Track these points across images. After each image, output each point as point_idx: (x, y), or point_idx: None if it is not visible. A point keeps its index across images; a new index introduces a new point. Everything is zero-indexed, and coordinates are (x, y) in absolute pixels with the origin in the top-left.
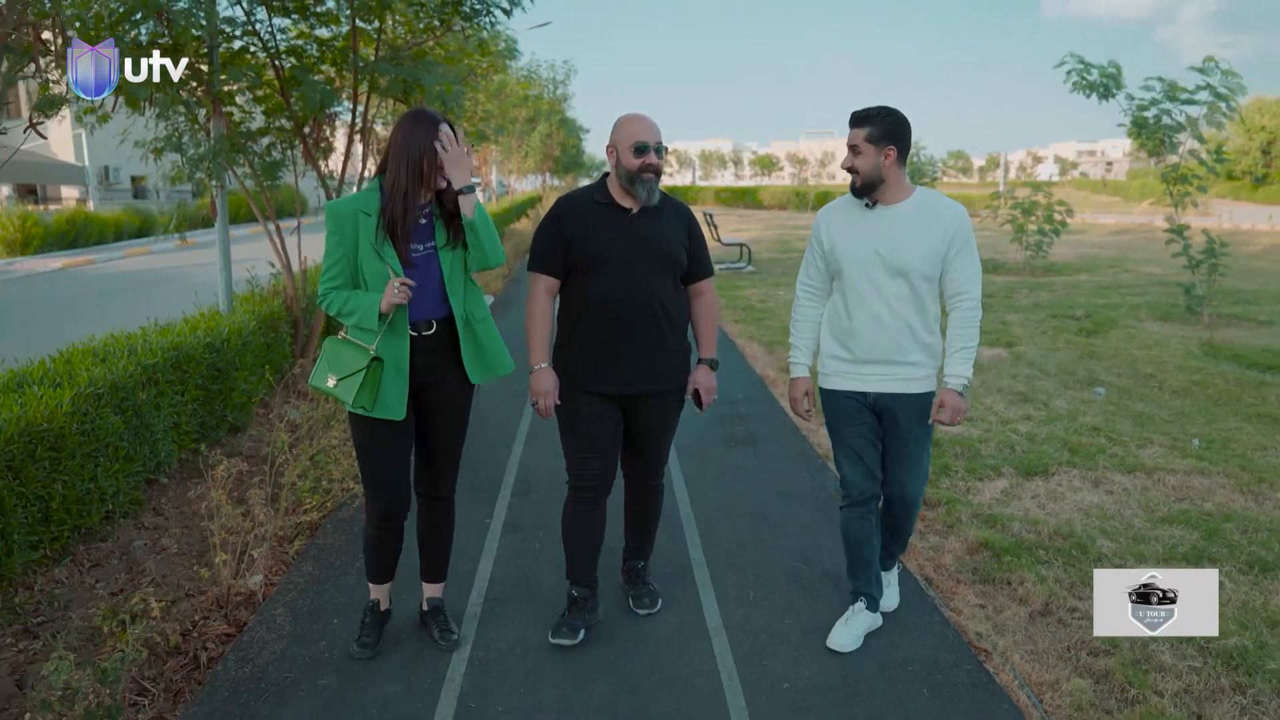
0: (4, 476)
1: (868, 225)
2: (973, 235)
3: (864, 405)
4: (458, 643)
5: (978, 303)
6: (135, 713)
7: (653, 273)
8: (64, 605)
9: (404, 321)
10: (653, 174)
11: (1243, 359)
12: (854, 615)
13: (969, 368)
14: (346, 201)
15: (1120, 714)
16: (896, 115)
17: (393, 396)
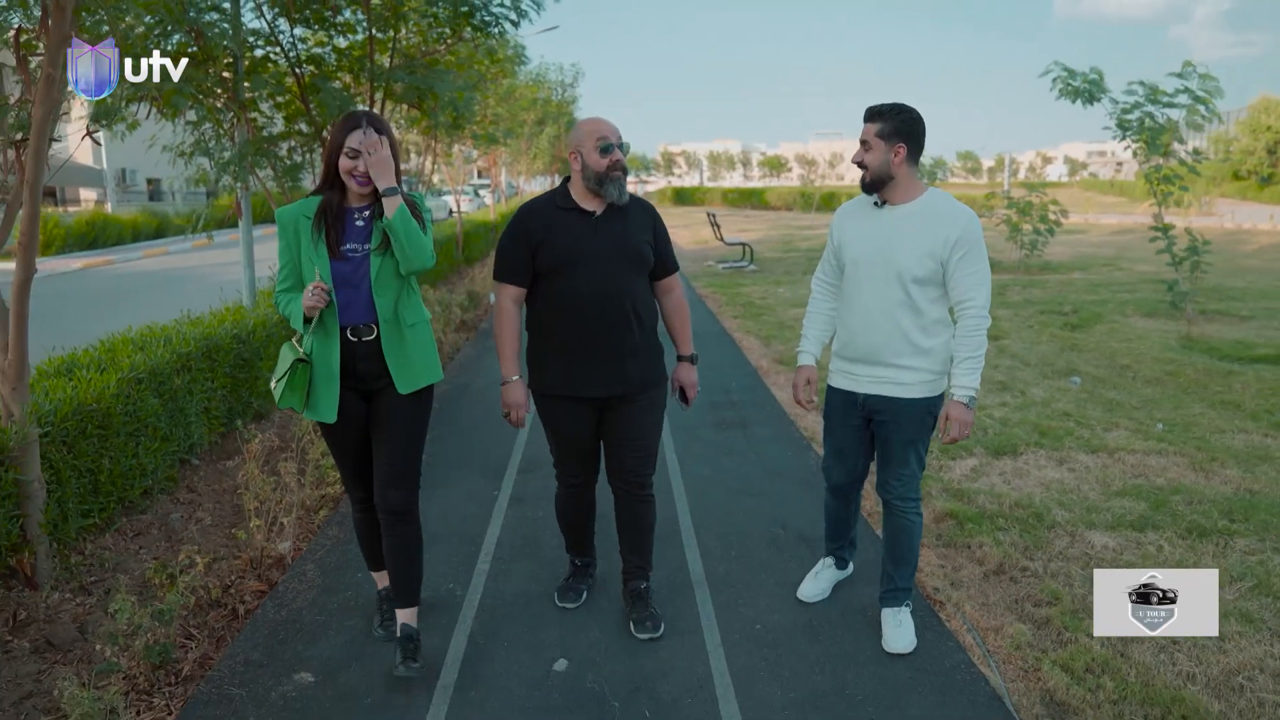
0: (60, 450)
1: (874, 224)
2: (981, 241)
3: (854, 405)
4: (420, 673)
5: (984, 310)
6: (184, 652)
7: (621, 273)
8: (112, 567)
9: (333, 324)
10: (620, 172)
11: (1216, 351)
12: (822, 569)
13: (975, 379)
14: (292, 207)
15: (1053, 653)
16: (910, 113)
17: (322, 399)
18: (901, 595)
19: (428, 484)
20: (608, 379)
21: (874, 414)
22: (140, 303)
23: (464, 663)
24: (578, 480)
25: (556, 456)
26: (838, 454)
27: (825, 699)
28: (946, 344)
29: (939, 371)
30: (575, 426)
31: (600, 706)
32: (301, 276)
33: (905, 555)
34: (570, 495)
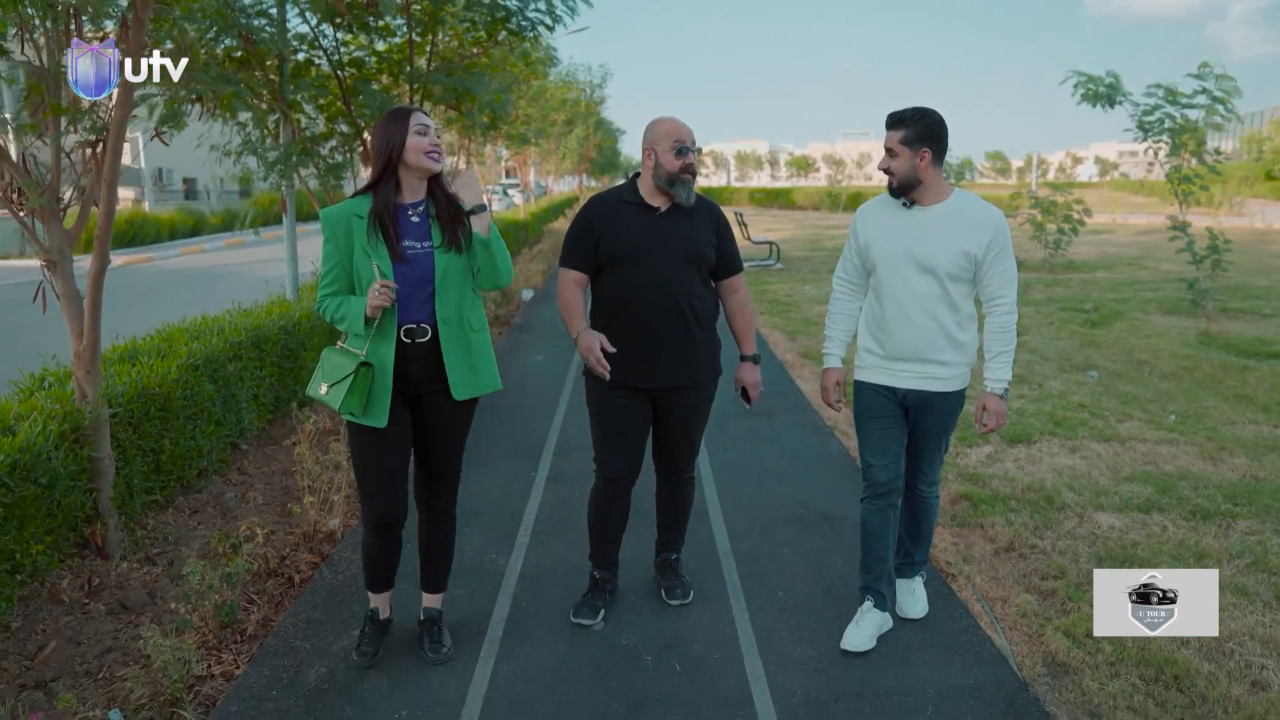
0: (126, 431)
1: (903, 224)
2: (1009, 240)
3: (893, 400)
4: (449, 655)
5: (1013, 306)
6: (247, 614)
7: (680, 270)
8: (174, 541)
9: (391, 325)
10: (690, 175)
11: (1234, 347)
12: (864, 615)
13: (1008, 370)
14: (340, 206)
15: (1056, 620)
16: (932, 117)
17: (376, 403)
18: (917, 567)
19: (470, 464)
20: (661, 371)
21: (915, 409)
22: (182, 298)
23: (508, 622)
24: (619, 474)
25: (600, 448)
26: (879, 450)
27: (839, 657)
28: (975, 337)
29: (968, 364)
30: (626, 415)
31: (635, 661)
32: (352, 278)
33: (925, 533)
34: (609, 490)
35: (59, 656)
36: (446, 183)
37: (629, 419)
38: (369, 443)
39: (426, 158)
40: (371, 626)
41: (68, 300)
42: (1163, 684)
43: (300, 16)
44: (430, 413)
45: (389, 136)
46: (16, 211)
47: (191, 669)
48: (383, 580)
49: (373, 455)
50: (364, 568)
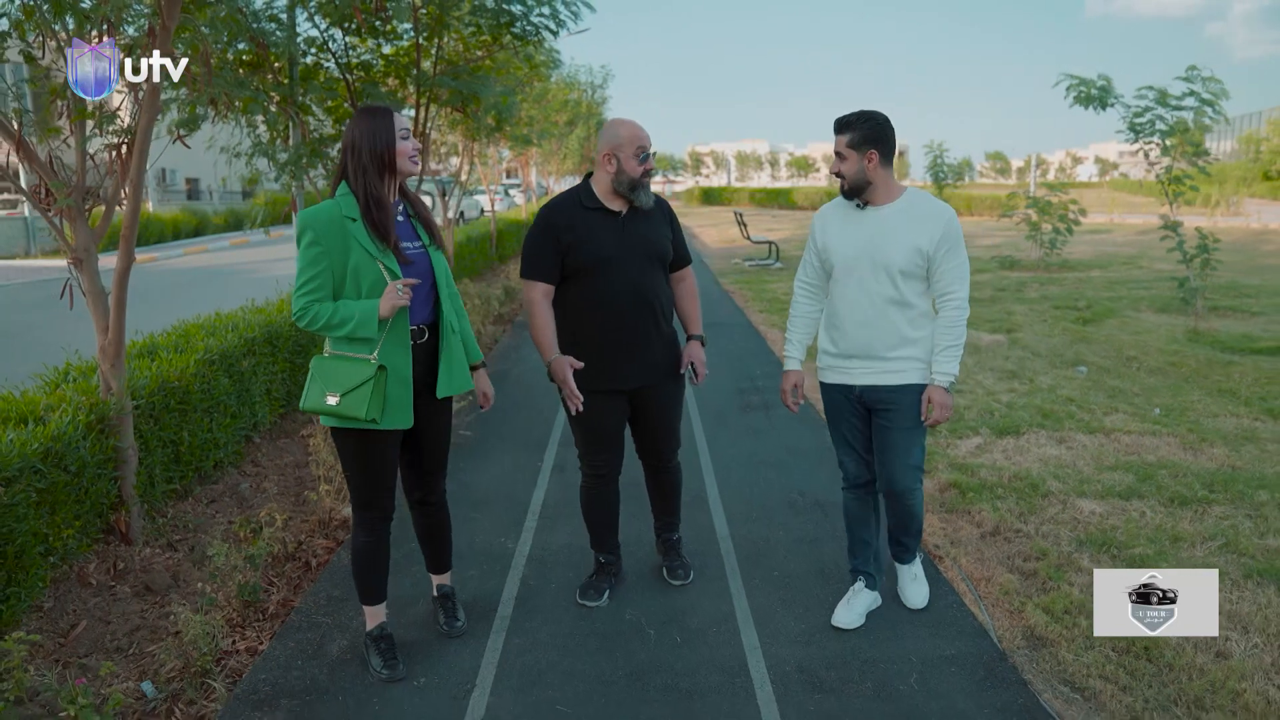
0: (148, 422)
1: (857, 225)
2: (961, 236)
3: (851, 398)
4: (464, 629)
5: (964, 302)
6: (267, 595)
7: (646, 271)
8: (194, 528)
9: (404, 327)
10: (649, 178)
11: (1220, 344)
12: (854, 595)
13: (955, 365)
14: (324, 208)
15: (1036, 599)
16: (876, 120)
17: (401, 405)
18: (914, 553)
19: (480, 456)
20: (638, 370)
21: (873, 405)
22: (189, 297)
23: (518, 600)
24: (605, 470)
25: (584, 448)
26: (846, 446)
27: (830, 631)
28: (931, 334)
29: (925, 360)
30: (607, 417)
31: (638, 633)
32: (341, 283)
33: (915, 530)
34: (597, 485)
35: (90, 634)
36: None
37: (608, 419)
38: (375, 448)
39: (410, 162)
40: (387, 644)
41: (93, 297)
42: (1133, 655)
43: (310, 20)
44: (426, 409)
45: (381, 136)
46: (45, 211)
47: (219, 644)
48: (381, 587)
49: (379, 460)
50: (362, 578)
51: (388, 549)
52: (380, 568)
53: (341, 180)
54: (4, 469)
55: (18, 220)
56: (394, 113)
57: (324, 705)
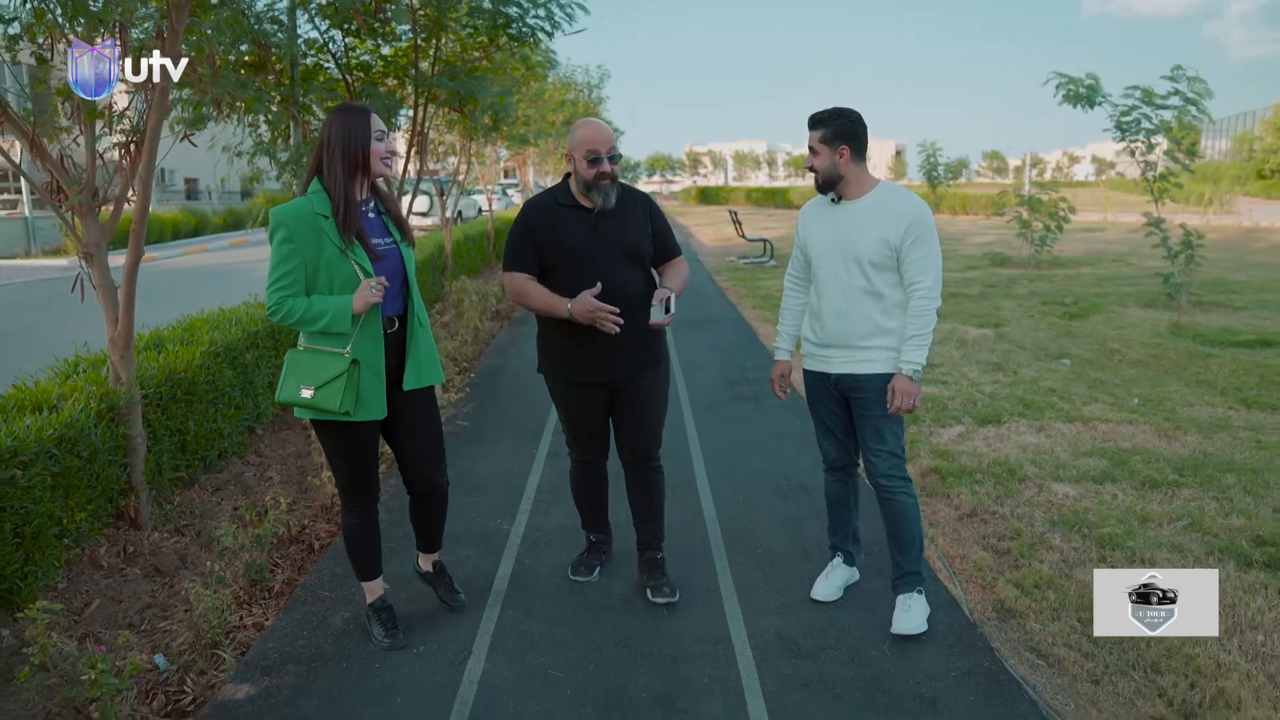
0: (155, 412)
1: (832, 219)
2: (932, 229)
3: (828, 385)
4: (463, 604)
5: (931, 291)
6: (272, 575)
7: (621, 267)
8: (200, 515)
9: (377, 321)
10: (608, 180)
11: (1202, 337)
12: (832, 569)
13: (922, 354)
14: (296, 206)
15: (1009, 574)
16: (847, 117)
17: (373, 397)
18: (912, 580)
19: (478, 443)
20: (612, 365)
21: (848, 392)
22: (189, 296)
23: (512, 577)
24: (591, 455)
25: (569, 435)
26: (825, 431)
27: (809, 603)
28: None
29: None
30: (585, 408)
31: (627, 606)
32: (314, 278)
33: (906, 539)
34: (584, 470)
35: (103, 612)
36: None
37: (589, 408)
38: (354, 438)
39: (383, 163)
40: (386, 613)
41: (104, 290)
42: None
43: (310, 22)
44: (403, 399)
45: (356, 136)
46: (57, 207)
47: (227, 618)
48: (376, 562)
49: (358, 450)
50: (355, 557)
51: (377, 528)
52: (372, 546)
53: (314, 177)
54: (21, 453)
55: (18, 220)
56: (371, 114)
57: (329, 671)
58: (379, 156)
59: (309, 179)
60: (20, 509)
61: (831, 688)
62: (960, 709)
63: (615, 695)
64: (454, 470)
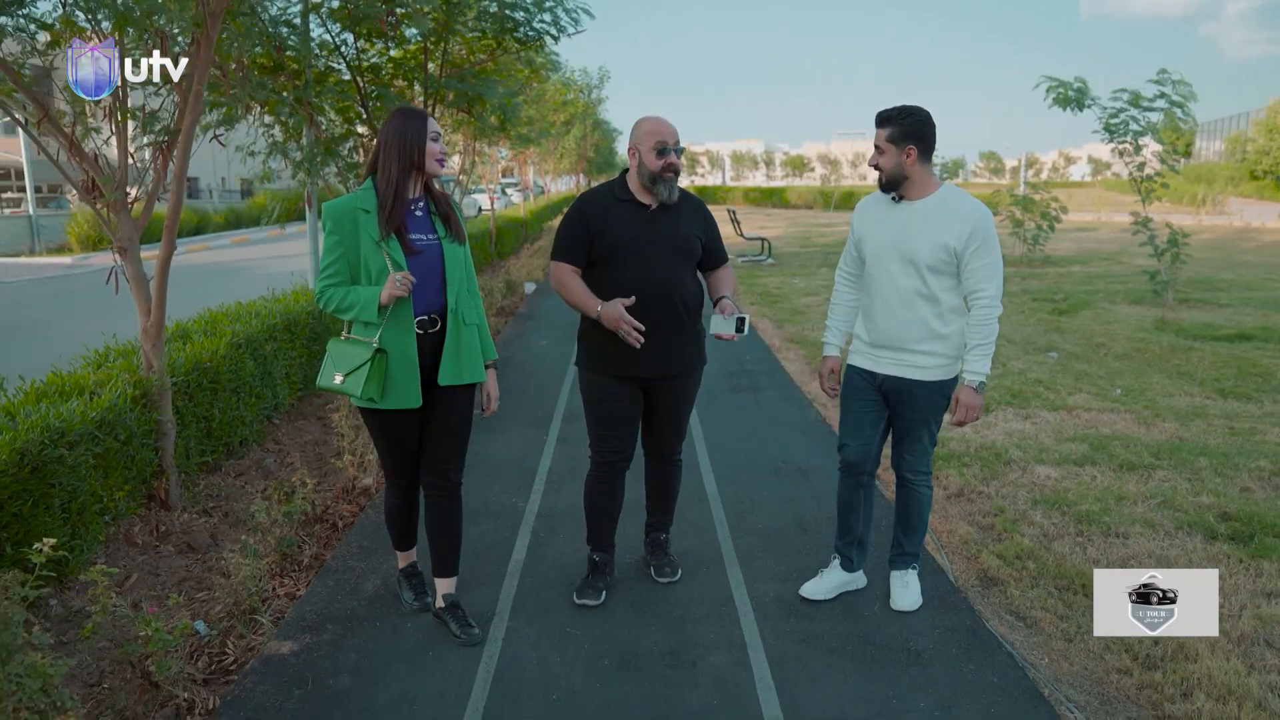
0: (183, 399)
1: (891, 218)
2: (994, 235)
3: (873, 385)
4: (479, 639)
5: (994, 300)
6: (300, 550)
7: (671, 264)
8: (226, 497)
9: (408, 314)
10: (673, 173)
11: (1185, 332)
12: (829, 571)
13: (986, 364)
14: (344, 200)
15: (992, 546)
16: (918, 116)
17: (406, 386)
18: (909, 559)
19: (490, 430)
20: (653, 361)
21: (894, 394)
22: (197, 292)
23: (529, 550)
24: (614, 457)
25: (595, 433)
26: (854, 429)
27: (807, 569)
28: (960, 330)
29: (954, 356)
30: (620, 403)
31: (636, 572)
32: (357, 270)
33: (915, 524)
34: (604, 475)
35: (142, 585)
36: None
37: (624, 406)
38: (388, 426)
39: (436, 163)
40: (415, 579)
41: (136, 282)
42: (1072, 590)
43: (322, 26)
44: (441, 395)
45: (411, 136)
46: (94, 204)
47: (264, 587)
48: (411, 535)
49: (395, 436)
50: (394, 530)
51: (416, 507)
52: (410, 522)
53: (370, 175)
54: (68, 433)
55: (22, 218)
56: (428, 117)
57: (364, 630)
58: (434, 156)
59: (365, 177)
60: (68, 485)
61: (827, 643)
62: (943, 660)
63: (629, 649)
64: (470, 453)
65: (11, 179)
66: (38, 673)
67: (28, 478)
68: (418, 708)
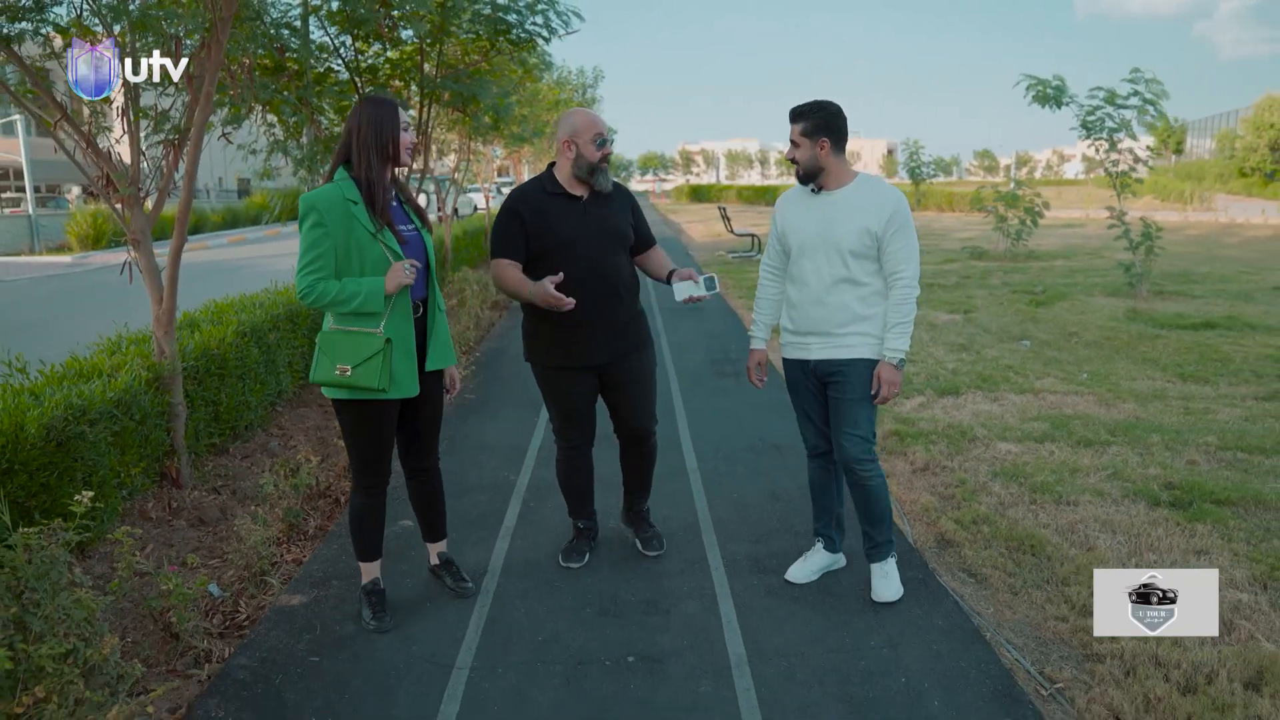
0: (192, 384)
1: (812, 208)
2: (910, 219)
3: (807, 373)
4: (473, 591)
5: (912, 281)
6: (305, 522)
7: (608, 252)
8: (234, 476)
9: (407, 303)
10: (606, 162)
11: (1154, 321)
12: (812, 554)
13: (904, 341)
14: (327, 191)
15: (951, 513)
16: (828, 110)
17: (406, 376)
18: (885, 549)
19: (484, 412)
20: (603, 347)
21: (826, 377)
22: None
23: (520, 518)
24: (578, 441)
25: (557, 423)
26: (804, 419)
27: (776, 534)
28: (883, 312)
29: (878, 336)
30: (574, 394)
31: (619, 538)
32: (348, 262)
33: (876, 514)
34: (571, 457)
35: (156, 555)
36: None
37: (578, 394)
38: (377, 417)
39: (407, 154)
40: (378, 597)
41: (149, 273)
42: (1022, 551)
43: (321, 28)
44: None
45: (388, 126)
46: (108, 198)
47: (274, 551)
48: (377, 544)
49: (381, 428)
50: (358, 537)
51: (384, 512)
52: (377, 528)
53: (339, 165)
54: (89, 411)
55: (22, 218)
56: (398, 105)
57: None
58: (405, 147)
59: (335, 167)
60: (89, 460)
61: (790, 593)
62: (895, 608)
63: (609, 599)
64: (464, 433)
65: (10, 179)
66: (83, 605)
67: (54, 451)
68: (416, 649)
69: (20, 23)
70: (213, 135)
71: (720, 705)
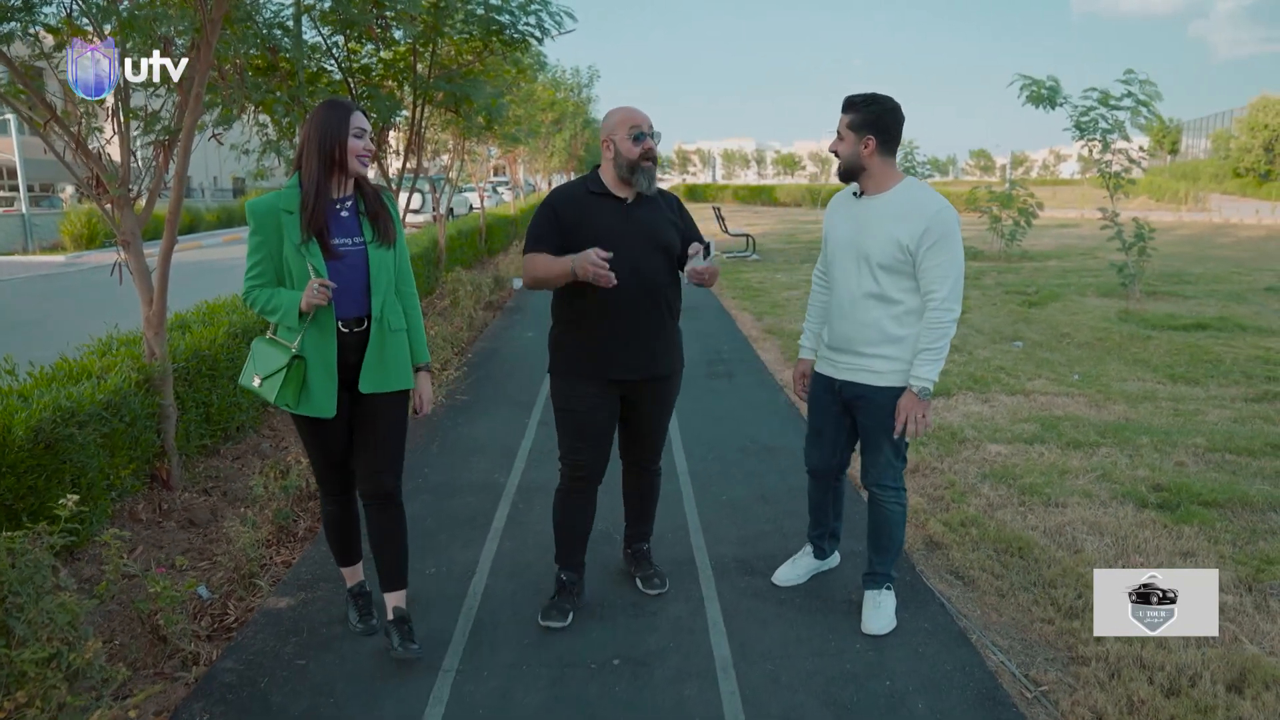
0: (183, 385)
1: (851, 214)
2: (952, 233)
3: (832, 391)
4: (419, 653)
5: (947, 303)
6: (296, 523)
7: (651, 260)
8: (224, 478)
9: (330, 319)
10: (650, 161)
11: (1146, 322)
12: (800, 557)
13: (933, 370)
14: (267, 200)
15: (939, 515)
16: (881, 105)
17: (321, 394)
18: (881, 579)
19: (474, 414)
20: (636, 363)
21: (852, 401)
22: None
23: (509, 519)
24: (586, 471)
25: (567, 445)
26: (815, 436)
27: (765, 536)
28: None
29: (910, 361)
30: (597, 409)
31: (608, 541)
32: (280, 271)
33: (885, 544)
34: (576, 490)
35: (147, 556)
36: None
37: (600, 414)
38: (313, 432)
39: (358, 160)
40: (363, 600)
41: (140, 274)
42: (1009, 553)
43: (314, 28)
44: (366, 403)
45: (332, 132)
46: (97, 199)
47: (263, 554)
48: (354, 547)
49: (320, 441)
50: (334, 543)
51: (355, 515)
52: (349, 532)
53: (296, 171)
54: (78, 413)
55: (15, 217)
56: (352, 110)
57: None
58: (355, 154)
59: (293, 172)
60: (78, 462)
61: (776, 596)
62: None
63: (596, 602)
64: (455, 434)
65: (4, 178)
66: (66, 609)
67: (42, 453)
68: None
69: (9, 22)
70: (204, 136)
71: (705, 708)
